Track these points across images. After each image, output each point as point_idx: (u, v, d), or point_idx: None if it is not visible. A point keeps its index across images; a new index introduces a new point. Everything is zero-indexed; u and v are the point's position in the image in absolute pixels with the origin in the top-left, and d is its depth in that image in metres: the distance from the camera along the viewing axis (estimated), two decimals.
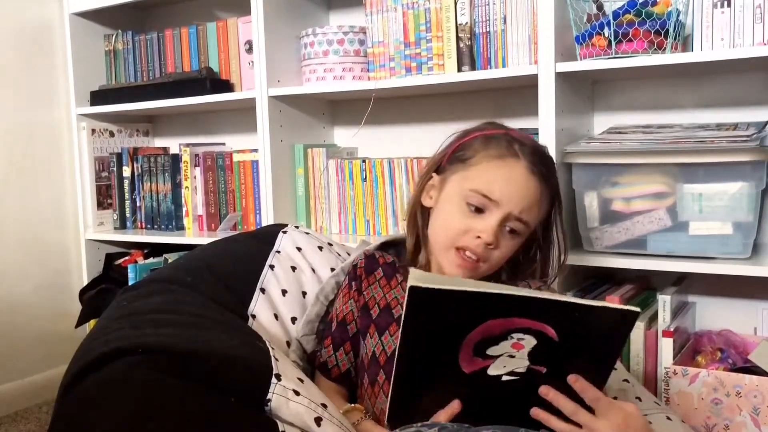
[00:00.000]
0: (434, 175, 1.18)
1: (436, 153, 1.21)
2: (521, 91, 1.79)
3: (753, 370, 1.38)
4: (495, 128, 1.17)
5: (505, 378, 0.89)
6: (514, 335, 0.86)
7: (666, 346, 1.43)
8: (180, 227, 2.27)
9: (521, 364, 0.88)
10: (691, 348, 1.54)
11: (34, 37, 2.38)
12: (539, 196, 1.11)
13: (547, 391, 0.90)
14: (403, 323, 0.86)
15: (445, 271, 1.13)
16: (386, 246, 1.28)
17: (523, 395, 0.91)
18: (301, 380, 1.01)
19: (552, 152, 1.54)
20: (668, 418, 1.17)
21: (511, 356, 0.88)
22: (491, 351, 0.87)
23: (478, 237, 1.08)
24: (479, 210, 1.09)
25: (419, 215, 1.20)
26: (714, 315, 1.67)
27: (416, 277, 0.84)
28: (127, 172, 2.36)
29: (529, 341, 0.87)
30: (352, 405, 1.10)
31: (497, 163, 1.10)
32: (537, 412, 0.91)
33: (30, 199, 2.38)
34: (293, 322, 1.25)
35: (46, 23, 2.40)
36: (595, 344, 0.89)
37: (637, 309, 0.86)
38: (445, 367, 0.89)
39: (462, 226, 1.09)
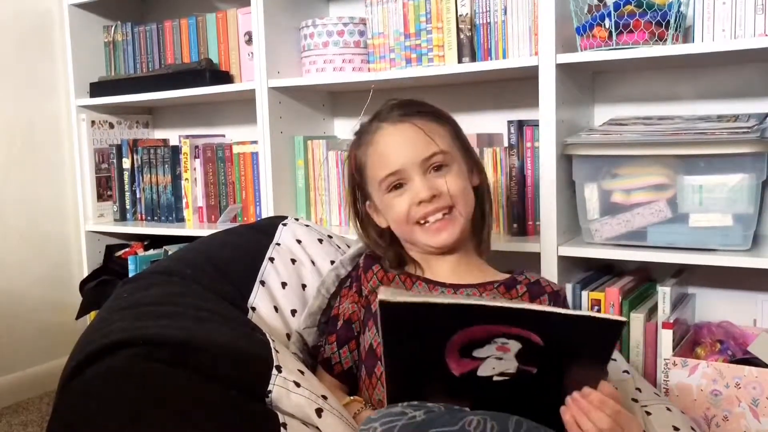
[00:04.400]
0: (368, 202, 1.23)
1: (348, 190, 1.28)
2: (522, 83, 1.79)
3: (752, 361, 1.38)
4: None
5: (496, 378, 0.88)
6: (497, 340, 0.85)
7: (666, 337, 1.43)
8: (180, 219, 2.27)
9: (510, 365, 0.87)
10: (691, 339, 1.54)
11: (33, 28, 2.37)
12: (421, 131, 1.14)
13: (567, 408, 0.88)
14: (381, 337, 0.85)
15: (431, 249, 1.17)
16: None
17: (517, 396, 0.90)
18: (302, 372, 1.01)
19: (552, 144, 1.56)
20: (668, 409, 1.17)
21: (499, 358, 0.87)
22: (477, 353, 0.86)
23: (420, 202, 1.12)
24: (400, 186, 1.14)
25: (379, 238, 1.23)
26: (714, 306, 1.67)
27: (386, 293, 0.83)
28: (126, 163, 2.36)
29: (514, 345, 0.85)
30: (352, 397, 1.11)
31: (372, 147, 1.17)
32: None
33: (30, 191, 2.38)
34: (293, 315, 1.25)
35: (45, 14, 2.40)
36: (582, 350, 0.87)
37: (623, 318, 0.84)
38: (434, 371, 0.88)
39: (402, 208, 1.14)
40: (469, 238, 1.21)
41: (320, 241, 1.39)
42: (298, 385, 0.96)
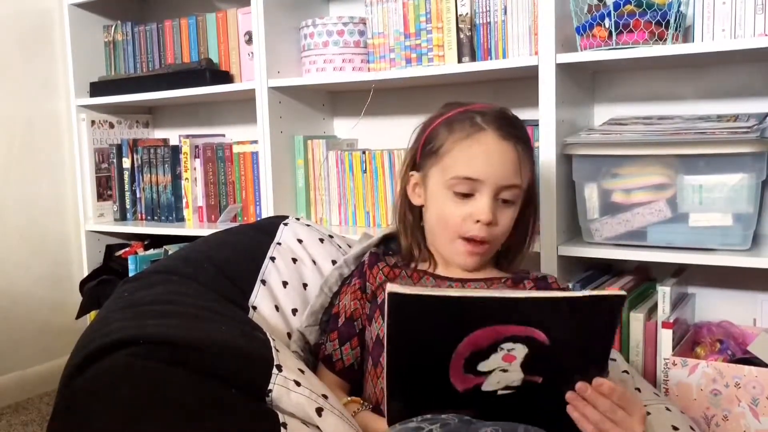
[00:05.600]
0: (414, 173, 1.19)
1: (407, 150, 1.23)
2: (522, 83, 1.79)
3: (752, 361, 1.38)
4: (454, 108, 1.17)
5: (500, 393, 0.88)
6: (503, 346, 0.84)
7: (665, 337, 1.43)
8: (180, 219, 2.27)
9: (516, 377, 0.87)
10: (691, 339, 1.54)
11: (33, 27, 2.37)
12: (518, 159, 1.11)
13: (573, 398, 0.88)
14: (386, 333, 0.84)
15: (454, 262, 1.15)
16: (388, 239, 1.29)
17: (522, 407, 0.89)
18: (302, 371, 1.01)
19: (552, 144, 1.56)
20: (667, 409, 1.17)
21: (504, 370, 0.86)
22: (482, 367, 0.86)
23: (477, 221, 1.09)
24: (468, 195, 1.10)
25: (409, 213, 1.21)
26: (713, 306, 1.67)
27: (395, 286, 0.83)
28: (127, 163, 2.36)
29: (520, 350, 0.85)
30: (350, 398, 1.11)
31: (467, 143, 1.11)
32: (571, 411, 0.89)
33: (30, 191, 2.38)
34: (294, 314, 1.25)
35: (45, 14, 2.40)
36: (586, 338, 0.87)
37: (623, 292, 0.84)
38: (437, 386, 0.87)
39: (458, 215, 1.11)
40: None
41: (321, 240, 1.39)
42: (298, 384, 0.96)
